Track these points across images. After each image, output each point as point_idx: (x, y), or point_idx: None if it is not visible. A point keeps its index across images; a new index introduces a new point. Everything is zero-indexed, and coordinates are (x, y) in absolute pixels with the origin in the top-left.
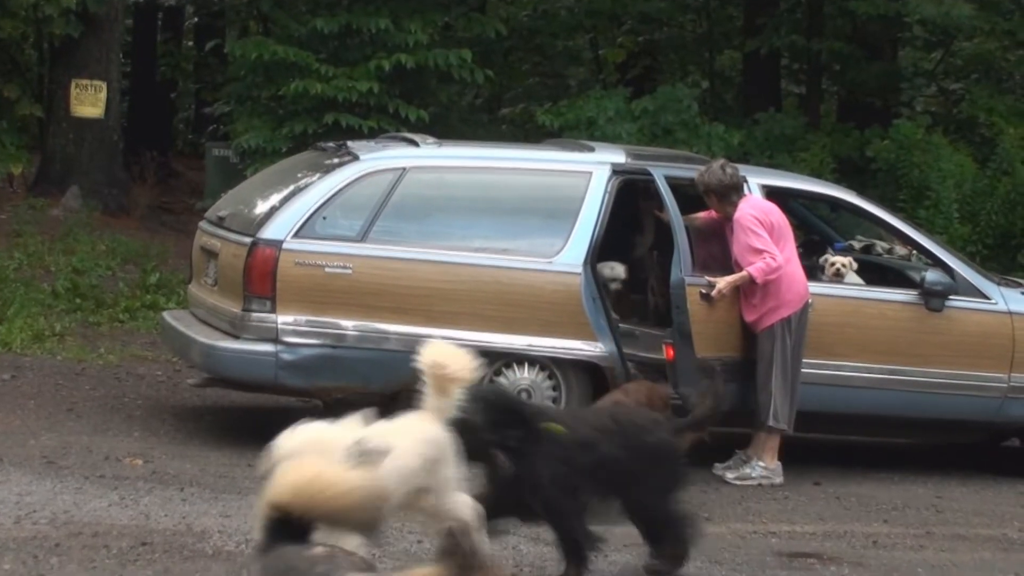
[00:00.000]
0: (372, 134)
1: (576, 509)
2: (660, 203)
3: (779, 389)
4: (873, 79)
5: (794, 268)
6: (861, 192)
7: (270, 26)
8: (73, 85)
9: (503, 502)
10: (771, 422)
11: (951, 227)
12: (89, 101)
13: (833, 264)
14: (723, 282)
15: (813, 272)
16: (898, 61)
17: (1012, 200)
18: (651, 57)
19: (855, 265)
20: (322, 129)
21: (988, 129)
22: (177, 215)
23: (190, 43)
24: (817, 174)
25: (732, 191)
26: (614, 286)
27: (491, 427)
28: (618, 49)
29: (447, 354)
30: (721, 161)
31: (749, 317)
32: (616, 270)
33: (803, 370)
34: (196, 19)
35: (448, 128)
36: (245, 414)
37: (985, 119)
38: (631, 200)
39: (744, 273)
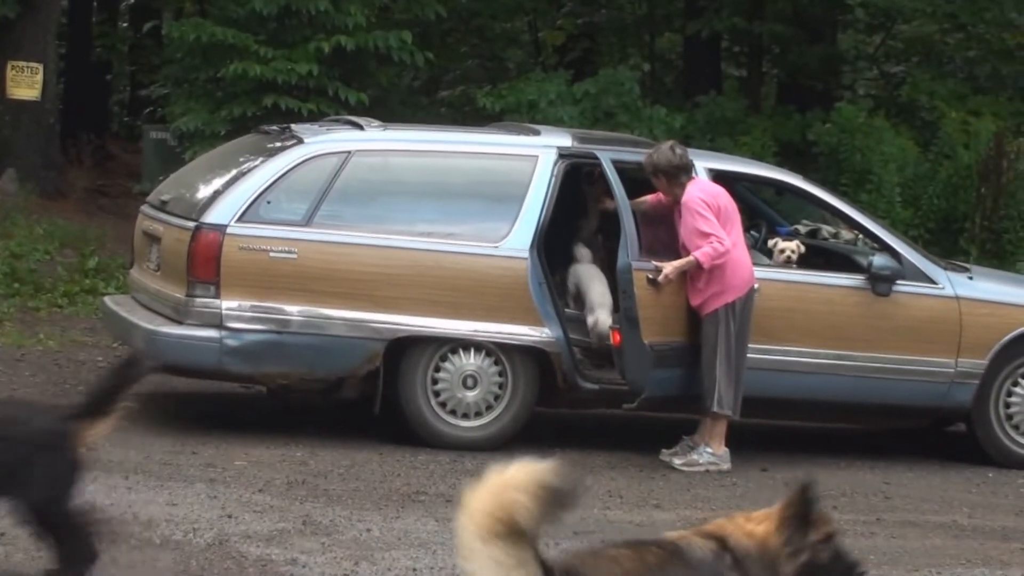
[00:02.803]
0: (312, 117)
1: None
2: (607, 187)
3: (723, 375)
4: (814, 62)
5: (740, 253)
6: (803, 176)
7: (207, 7)
8: (9, 67)
9: None
10: (715, 408)
11: (893, 211)
12: (25, 83)
13: (783, 251)
14: (670, 267)
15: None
16: (839, 44)
17: (954, 184)
18: (590, 39)
19: (803, 250)
20: (261, 112)
21: (929, 112)
22: (114, 198)
23: (125, 24)
24: (759, 157)
25: (681, 172)
26: None
27: None
28: (557, 31)
29: None
30: (671, 142)
31: (694, 301)
32: None
33: (749, 355)
34: (132, 0)
35: (388, 111)
36: (189, 401)
37: (927, 102)
38: (577, 183)
39: (691, 258)
